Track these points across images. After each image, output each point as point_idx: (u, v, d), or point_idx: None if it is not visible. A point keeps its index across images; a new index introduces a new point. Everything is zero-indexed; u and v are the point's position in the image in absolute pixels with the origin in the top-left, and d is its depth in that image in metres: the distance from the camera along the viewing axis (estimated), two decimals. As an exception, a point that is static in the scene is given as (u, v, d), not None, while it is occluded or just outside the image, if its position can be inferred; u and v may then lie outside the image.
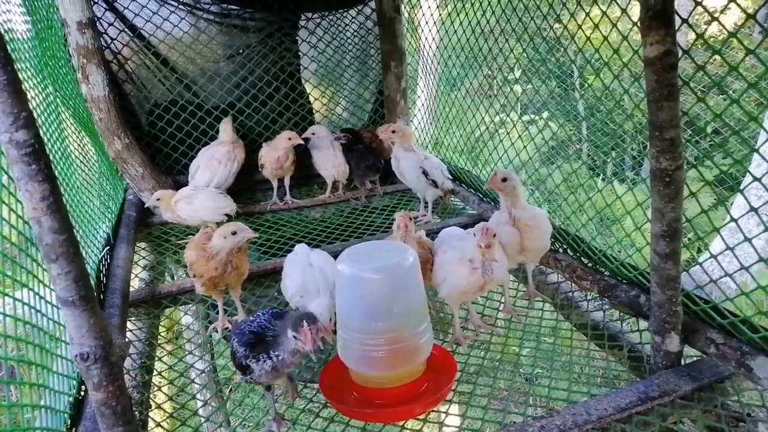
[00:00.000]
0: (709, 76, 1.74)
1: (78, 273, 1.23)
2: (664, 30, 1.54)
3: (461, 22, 3.50)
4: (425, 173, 3.40)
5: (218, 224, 3.05)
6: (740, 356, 1.80)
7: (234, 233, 2.30)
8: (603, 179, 6.50)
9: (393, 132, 3.49)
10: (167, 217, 3.30)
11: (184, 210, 3.24)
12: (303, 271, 2.30)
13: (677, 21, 1.59)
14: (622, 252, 2.53)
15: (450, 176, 3.55)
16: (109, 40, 3.77)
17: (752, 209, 1.66)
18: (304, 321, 1.74)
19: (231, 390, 4.82)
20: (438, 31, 4.12)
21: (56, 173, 2.26)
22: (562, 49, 3.41)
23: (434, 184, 3.42)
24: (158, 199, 3.24)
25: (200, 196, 3.29)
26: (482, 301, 2.77)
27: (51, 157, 2.26)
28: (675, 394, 1.85)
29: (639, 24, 1.61)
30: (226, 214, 3.31)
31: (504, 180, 2.44)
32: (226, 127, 3.89)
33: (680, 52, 1.62)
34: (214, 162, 3.75)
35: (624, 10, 1.93)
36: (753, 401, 1.89)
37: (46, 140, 2.21)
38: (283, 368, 1.85)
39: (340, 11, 4.38)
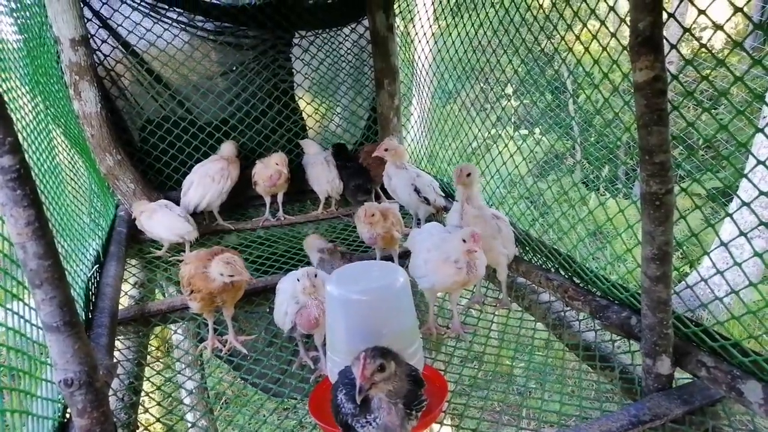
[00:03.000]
0: (697, 102, 1.75)
1: (63, 298, 1.22)
2: (653, 56, 1.56)
3: (453, 40, 3.51)
4: (417, 191, 3.41)
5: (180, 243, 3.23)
6: (731, 380, 1.79)
7: (231, 276, 2.30)
8: (596, 194, 6.51)
9: (386, 150, 3.49)
10: (138, 226, 3.42)
11: (145, 224, 3.36)
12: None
13: (666, 47, 1.60)
14: (614, 273, 2.53)
15: (443, 193, 3.56)
16: (102, 57, 3.77)
17: (741, 234, 1.66)
18: (362, 353, 1.42)
19: (221, 408, 4.77)
20: (431, 47, 4.14)
21: (45, 191, 2.26)
22: (555, 64, 3.43)
23: (426, 201, 3.43)
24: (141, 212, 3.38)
25: (160, 214, 3.36)
26: (476, 314, 2.78)
27: (40, 175, 2.26)
28: (666, 418, 1.84)
29: (628, 50, 1.62)
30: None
31: (468, 175, 2.63)
32: (229, 147, 3.89)
33: (669, 77, 1.64)
34: (207, 179, 3.74)
35: (614, 34, 1.95)
36: (744, 425, 1.88)
37: (35, 158, 2.21)
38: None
39: (334, 29, 4.40)
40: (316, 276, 2.18)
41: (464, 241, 2.31)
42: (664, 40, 1.56)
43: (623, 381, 2.20)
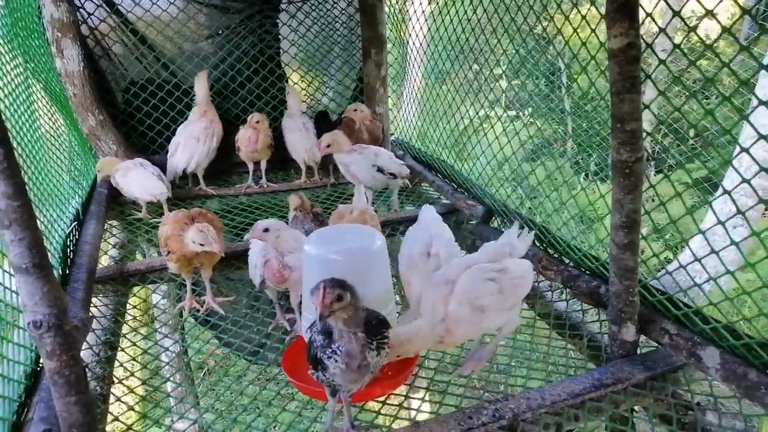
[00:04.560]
0: (670, 71, 1.77)
1: (32, 240, 1.22)
2: (628, 22, 1.57)
3: (448, 18, 3.46)
4: (381, 170, 3.31)
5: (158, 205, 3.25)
6: (691, 346, 1.85)
7: (201, 245, 2.31)
8: (585, 177, 6.56)
9: (328, 146, 3.31)
10: (114, 183, 3.39)
11: (120, 181, 3.34)
12: None
13: (642, 14, 1.62)
14: (600, 250, 2.57)
15: (400, 160, 3.49)
16: (86, 15, 3.72)
17: (721, 223, 1.70)
18: (321, 282, 1.45)
19: (204, 374, 4.82)
20: (424, 23, 4.12)
21: (23, 146, 2.25)
22: (549, 46, 3.43)
23: (393, 176, 3.35)
24: (99, 170, 3.38)
25: (134, 173, 3.33)
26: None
27: (18, 130, 2.25)
28: (628, 382, 1.90)
29: (605, 16, 1.63)
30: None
31: None
32: (201, 82, 3.83)
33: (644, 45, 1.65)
34: (193, 140, 3.72)
35: (593, 3, 1.96)
36: (703, 391, 1.95)
37: (12, 111, 2.19)
38: (357, 361, 1.50)
39: (322, -4, 4.37)
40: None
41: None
42: (640, 8, 1.58)
43: (591, 349, 2.26)
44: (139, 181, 3.31)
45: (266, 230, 2.19)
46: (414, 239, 2.33)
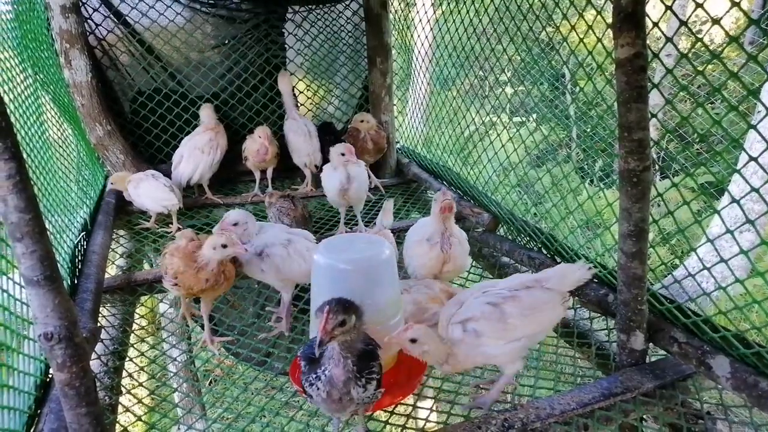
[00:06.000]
0: (677, 80, 1.77)
1: (43, 252, 1.23)
2: (635, 32, 1.58)
3: (454, 23, 3.48)
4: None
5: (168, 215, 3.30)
6: (701, 355, 1.84)
7: (224, 246, 2.19)
8: (591, 182, 6.55)
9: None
10: (126, 196, 3.40)
11: (132, 193, 3.35)
12: None
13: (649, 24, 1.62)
14: (608, 258, 2.56)
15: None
16: (94, 26, 3.75)
17: (729, 231, 1.70)
18: (326, 304, 1.43)
19: (210, 382, 4.82)
20: (431, 29, 4.13)
21: (32, 156, 2.27)
22: (554, 53, 3.42)
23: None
24: (112, 183, 3.38)
25: (146, 184, 3.33)
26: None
27: (27, 141, 2.27)
28: (637, 391, 1.89)
29: (611, 27, 1.64)
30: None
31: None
32: (207, 112, 3.86)
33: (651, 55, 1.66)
34: (197, 152, 3.74)
35: (599, 12, 1.97)
36: (713, 400, 1.94)
37: (22, 122, 2.21)
38: (338, 392, 1.46)
39: (327, 5, 4.39)
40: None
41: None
42: (647, 18, 1.58)
43: (599, 357, 2.25)
44: (150, 192, 3.30)
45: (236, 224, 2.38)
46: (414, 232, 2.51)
